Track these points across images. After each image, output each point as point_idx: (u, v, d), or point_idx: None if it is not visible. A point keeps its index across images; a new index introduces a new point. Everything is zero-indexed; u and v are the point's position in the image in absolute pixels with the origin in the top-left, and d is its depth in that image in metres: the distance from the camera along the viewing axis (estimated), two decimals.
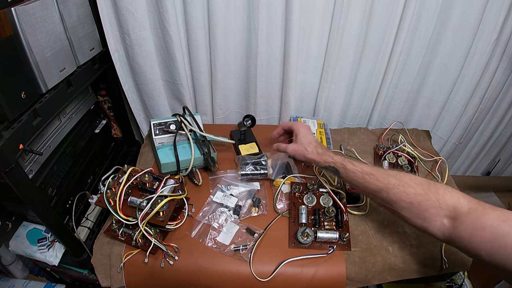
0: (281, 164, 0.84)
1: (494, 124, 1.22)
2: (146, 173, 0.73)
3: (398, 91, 1.05)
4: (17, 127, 0.58)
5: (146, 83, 0.98)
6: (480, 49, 0.94)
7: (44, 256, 0.81)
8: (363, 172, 0.61)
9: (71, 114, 0.86)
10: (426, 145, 1.03)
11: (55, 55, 0.69)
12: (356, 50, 0.93)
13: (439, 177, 0.89)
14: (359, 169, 0.62)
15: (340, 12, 0.86)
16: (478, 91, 1.04)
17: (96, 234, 0.87)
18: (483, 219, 0.47)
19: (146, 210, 0.64)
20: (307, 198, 0.77)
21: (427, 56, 0.97)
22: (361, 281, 0.67)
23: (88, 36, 0.82)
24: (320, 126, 1.03)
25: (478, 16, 0.85)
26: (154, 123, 0.88)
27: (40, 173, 0.74)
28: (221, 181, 0.84)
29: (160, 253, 0.67)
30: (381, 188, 0.58)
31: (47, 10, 0.66)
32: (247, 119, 0.92)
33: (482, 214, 0.48)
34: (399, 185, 0.56)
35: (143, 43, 0.90)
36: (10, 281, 0.95)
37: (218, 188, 0.81)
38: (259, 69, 0.96)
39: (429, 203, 0.53)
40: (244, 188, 0.82)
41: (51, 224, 0.72)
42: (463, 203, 0.51)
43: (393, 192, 0.56)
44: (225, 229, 0.72)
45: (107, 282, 0.70)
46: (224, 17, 0.87)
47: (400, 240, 0.73)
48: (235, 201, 0.77)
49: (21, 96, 0.60)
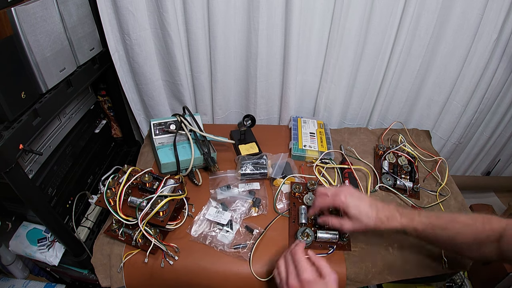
0: (280, 164, 0.84)
1: (494, 124, 1.21)
2: (146, 173, 0.73)
3: (398, 91, 1.05)
4: (17, 127, 0.58)
5: (146, 83, 0.98)
6: (480, 49, 0.94)
7: (44, 256, 0.81)
8: (433, 226, 0.58)
9: (71, 114, 0.86)
10: (426, 145, 1.03)
11: (55, 55, 0.69)
12: (356, 50, 0.93)
13: (439, 177, 0.89)
14: (429, 224, 0.58)
15: (340, 12, 0.86)
16: (478, 91, 1.04)
17: (96, 234, 0.87)
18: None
19: (146, 210, 0.64)
20: (307, 198, 0.77)
21: (427, 56, 0.97)
22: (361, 281, 0.67)
23: (88, 36, 0.82)
24: (320, 126, 1.03)
25: (478, 16, 0.85)
26: (154, 123, 0.88)
27: (40, 173, 0.74)
28: (216, 190, 0.80)
29: (160, 253, 0.67)
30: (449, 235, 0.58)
31: (47, 10, 0.66)
32: (247, 119, 0.92)
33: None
34: (463, 227, 0.57)
35: (143, 43, 0.90)
36: (10, 281, 0.95)
37: (211, 204, 0.78)
38: (259, 69, 0.96)
39: (485, 235, 0.55)
40: (244, 188, 0.82)
41: (51, 224, 0.72)
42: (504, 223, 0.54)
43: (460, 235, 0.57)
44: (225, 229, 0.72)
45: (107, 282, 0.70)
46: (224, 17, 0.87)
47: (400, 240, 0.72)
48: (228, 217, 0.73)
49: (21, 96, 0.60)
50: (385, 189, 0.85)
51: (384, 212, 0.59)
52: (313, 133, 1.00)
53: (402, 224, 0.58)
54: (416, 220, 0.58)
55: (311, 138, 0.98)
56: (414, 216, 0.59)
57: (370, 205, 0.60)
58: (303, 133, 0.99)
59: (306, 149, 0.93)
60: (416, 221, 0.58)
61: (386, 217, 0.59)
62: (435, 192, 0.85)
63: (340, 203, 0.60)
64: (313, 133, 1.00)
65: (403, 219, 0.58)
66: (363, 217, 0.58)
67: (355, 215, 0.59)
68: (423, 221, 0.58)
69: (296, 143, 0.95)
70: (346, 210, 0.60)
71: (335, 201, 0.61)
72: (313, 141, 0.96)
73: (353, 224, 0.60)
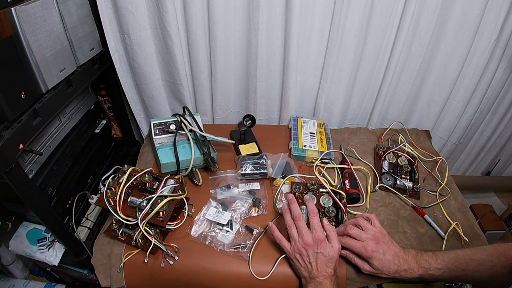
0: (280, 164, 0.84)
1: (494, 124, 1.21)
2: (146, 173, 0.72)
3: (398, 91, 1.05)
4: (17, 127, 0.58)
5: (146, 83, 0.98)
6: (480, 49, 0.93)
7: (44, 256, 0.81)
8: (450, 270, 0.60)
9: (71, 114, 0.86)
10: (426, 145, 1.03)
11: (55, 55, 0.69)
12: (356, 50, 0.93)
13: (439, 177, 0.89)
14: (446, 269, 0.60)
15: (340, 12, 0.85)
16: (478, 91, 1.04)
17: (96, 234, 0.87)
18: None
19: (146, 210, 0.64)
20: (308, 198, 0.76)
21: (427, 56, 0.97)
22: (361, 281, 0.67)
23: (88, 36, 0.82)
24: (320, 126, 1.03)
25: (478, 16, 0.85)
26: (154, 123, 0.88)
27: (40, 173, 0.74)
28: (216, 190, 0.81)
29: (160, 253, 0.67)
30: (467, 274, 0.60)
31: (47, 10, 0.66)
32: (247, 119, 0.92)
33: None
34: (479, 265, 0.58)
35: (143, 43, 0.90)
36: (10, 281, 0.95)
37: (211, 204, 0.78)
38: (259, 69, 0.96)
39: (502, 267, 0.57)
40: (244, 188, 0.82)
41: (51, 224, 0.72)
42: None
43: (477, 272, 0.59)
44: (224, 229, 0.72)
45: (107, 282, 0.70)
46: (224, 17, 0.87)
47: (400, 240, 0.73)
48: (228, 217, 0.74)
49: (21, 96, 0.60)
50: (385, 189, 0.85)
51: (403, 266, 0.61)
52: (313, 133, 1.00)
53: (420, 275, 0.60)
54: (433, 267, 0.60)
55: (311, 138, 0.98)
56: (430, 264, 0.60)
57: (393, 260, 0.61)
58: (303, 133, 0.99)
59: (306, 149, 0.93)
60: (433, 268, 0.60)
61: (404, 271, 0.61)
62: (435, 192, 0.85)
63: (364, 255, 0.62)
64: (313, 133, 1.00)
65: (420, 270, 0.60)
66: (384, 270, 0.61)
67: (377, 267, 0.61)
68: (439, 267, 0.60)
69: (296, 143, 0.95)
70: (369, 261, 0.62)
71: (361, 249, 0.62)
72: (313, 141, 0.96)
73: (372, 270, 0.62)
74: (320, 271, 0.59)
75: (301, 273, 0.62)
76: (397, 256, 0.61)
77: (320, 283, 0.58)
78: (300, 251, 0.62)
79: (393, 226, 0.76)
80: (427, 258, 0.61)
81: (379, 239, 0.63)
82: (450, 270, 0.59)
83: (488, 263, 0.58)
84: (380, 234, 0.64)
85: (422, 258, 0.61)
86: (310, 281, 0.60)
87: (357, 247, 0.63)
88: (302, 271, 0.62)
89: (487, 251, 0.59)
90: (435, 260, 0.60)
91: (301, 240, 0.62)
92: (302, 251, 0.61)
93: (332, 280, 0.59)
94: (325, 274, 0.59)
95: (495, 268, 0.57)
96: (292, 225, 0.65)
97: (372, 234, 0.63)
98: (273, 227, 0.68)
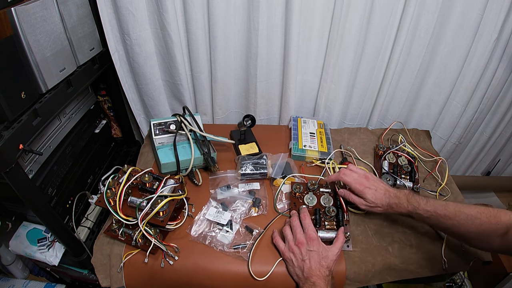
0: (280, 164, 0.84)
1: (494, 124, 1.21)
2: (146, 173, 0.72)
3: (398, 91, 1.05)
4: (17, 127, 0.58)
5: (146, 83, 0.98)
6: (480, 49, 0.94)
7: (44, 256, 0.81)
8: (438, 216, 0.63)
9: (71, 114, 0.86)
10: (426, 145, 1.03)
11: (55, 55, 0.69)
12: (356, 50, 0.93)
13: (439, 177, 0.89)
14: (434, 213, 0.63)
15: (340, 12, 0.85)
16: (478, 91, 1.04)
17: (96, 234, 0.88)
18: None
19: (146, 210, 0.64)
20: (308, 198, 0.77)
21: (427, 56, 0.97)
22: (361, 281, 0.67)
23: (88, 36, 0.82)
24: (320, 126, 1.03)
25: (478, 16, 0.85)
26: (154, 123, 0.88)
27: (40, 173, 0.74)
28: (216, 190, 0.81)
29: (160, 253, 0.67)
30: (453, 224, 0.62)
31: (47, 10, 0.66)
32: (247, 119, 0.92)
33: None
34: (468, 219, 0.60)
35: (143, 43, 0.90)
36: (10, 281, 0.95)
37: (211, 204, 0.78)
38: (259, 69, 0.96)
39: (490, 228, 0.58)
40: (244, 188, 0.82)
41: (51, 224, 0.72)
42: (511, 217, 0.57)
43: (464, 226, 0.61)
44: (224, 229, 0.72)
45: (107, 282, 0.70)
46: (224, 17, 0.87)
47: (400, 240, 0.73)
48: (228, 217, 0.74)
49: (21, 96, 0.60)
50: None
51: (394, 200, 0.67)
52: (313, 133, 1.00)
53: (408, 211, 0.66)
54: (422, 207, 0.64)
55: (311, 138, 0.98)
56: (419, 204, 0.65)
57: (385, 193, 0.68)
58: (303, 133, 0.99)
59: (306, 149, 0.93)
60: (421, 208, 0.64)
61: (395, 204, 0.67)
62: (435, 192, 0.85)
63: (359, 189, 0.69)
64: (313, 133, 1.00)
65: (410, 206, 0.65)
66: (378, 202, 0.68)
67: (371, 200, 0.68)
68: (428, 209, 0.64)
69: (296, 143, 0.95)
70: (364, 196, 0.68)
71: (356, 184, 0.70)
72: (313, 141, 0.96)
73: (367, 205, 0.69)
74: (313, 269, 0.60)
75: (296, 274, 0.63)
76: (387, 191, 0.69)
77: (314, 283, 0.59)
78: (293, 249, 0.64)
79: (393, 226, 0.76)
80: (418, 199, 0.66)
81: (368, 177, 0.71)
82: (438, 216, 0.63)
83: (476, 220, 0.59)
84: (367, 173, 0.72)
85: (413, 197, 0.66)
86: (305, 281, 0.60)
87: (352, 182, 0.70)
88: (297, 270, 0.63)
89: (477, 209, 0.60)
90: (425, 202, 0.65)
91: (294, 238, 0.65)
92: (295, 249, 0.64)
93: (326, 280, 0.59)
94: (319, 274, 0.60)
95: (482, 227, 0.58)
96: (287, 227, 0.69)
97: (362, 174, 0.71)
98: (276, 237, 0.70)
